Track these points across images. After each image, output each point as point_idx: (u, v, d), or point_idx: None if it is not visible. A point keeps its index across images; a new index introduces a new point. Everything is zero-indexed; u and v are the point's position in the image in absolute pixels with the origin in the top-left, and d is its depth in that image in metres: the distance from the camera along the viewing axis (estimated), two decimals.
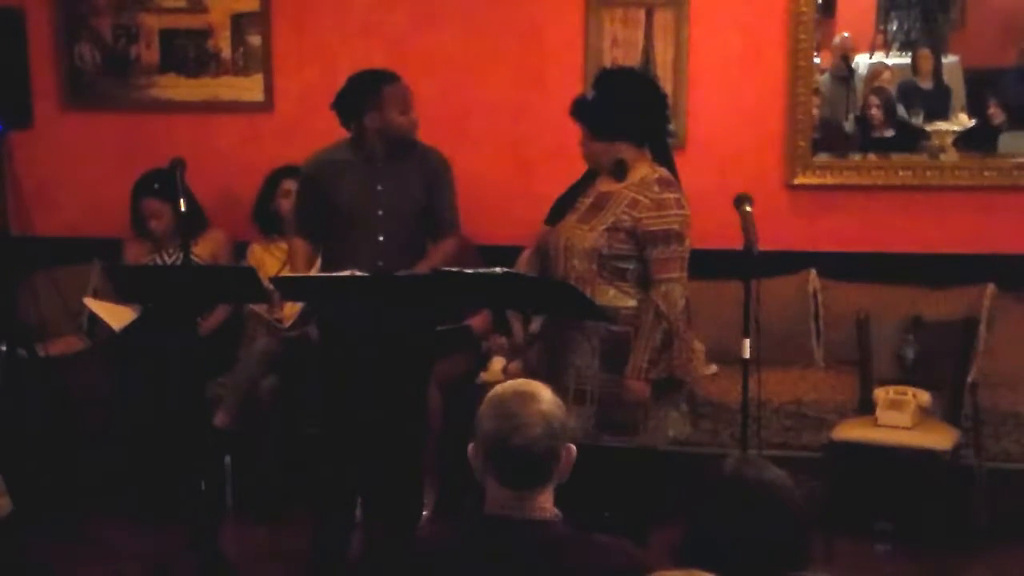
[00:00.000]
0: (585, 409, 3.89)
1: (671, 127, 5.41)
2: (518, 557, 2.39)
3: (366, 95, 4.25)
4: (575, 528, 2.47)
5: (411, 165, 4.32)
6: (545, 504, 2.45)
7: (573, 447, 2.49)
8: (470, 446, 2.49)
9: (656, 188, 3.89)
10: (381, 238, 4.26)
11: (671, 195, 3.90)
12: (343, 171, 4.30)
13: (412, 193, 4.31)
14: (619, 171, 3.94)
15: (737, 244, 3.87)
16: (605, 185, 3.98)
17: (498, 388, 2.51)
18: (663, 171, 3.96)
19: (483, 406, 2.48)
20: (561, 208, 4.06)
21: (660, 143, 4.05)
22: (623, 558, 2.41)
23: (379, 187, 4.27)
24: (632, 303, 3.89)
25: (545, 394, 2.47)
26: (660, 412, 3.95)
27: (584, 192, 4.04)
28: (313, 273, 4.43)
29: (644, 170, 3.94)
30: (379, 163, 4.28)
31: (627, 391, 3.86)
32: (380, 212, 4.27)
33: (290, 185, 5.41)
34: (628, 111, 3.94)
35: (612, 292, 3.89)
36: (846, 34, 5.59)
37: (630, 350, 3.86)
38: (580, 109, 3.99)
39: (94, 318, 5.50)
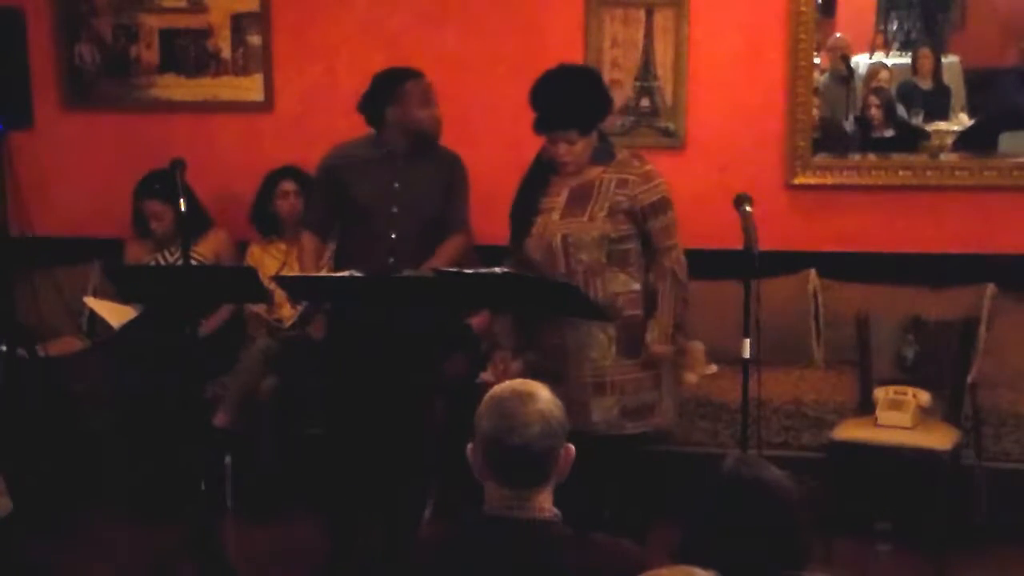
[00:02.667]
0: (606, 400, 3.94)
1: (672, 126, 5.48)
2: (517, 557, 2.39)
3: (388, 89, 4.32)
4: (575, 527, 2.47)
5: (430, 165, 4.36)
6: (544, 504, 2.45)
7: (572, 447, 2.49)
8: (468, 446, 2.49)
9: (636, 163, 4.02)
10: (394, 235, 4.29)
11: (649, 166, 4.04)
12: (362, 166, 4.34)
13: (429, 193, 4.34)
14: (606, 154, 4.01)
15: (737, 244, 3.87)
16: (574, 179, 4.00)
17: (496, 388, 2.51)
18: (628, 148, 4.11)
19: (481, 406, 2.48)
20: (524, 221, 4.05)
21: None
22: (622, 557, 2.41)
23: (396, 184, 4.31)
24: (637, 287, 3.98)
25: (543, 393, 2.47)
26: (666, 388, 4.03)
27: (546, 193, 4.04)
28: (321, 268, 4.45)
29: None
30: (399, 161, 4.31)
31: (653, 354, 3.95)
32: (395, 209, 4.30)
33: (288, 186, 5.42)
34: (589, 97, 4.02)
35: (623, 278, 3.95)
36: (838, 34, 5.58)
37: (643, 332, 3.94)
38: (560, 120, 3.95)
39: (94, 318, 5.51)
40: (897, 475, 4.66)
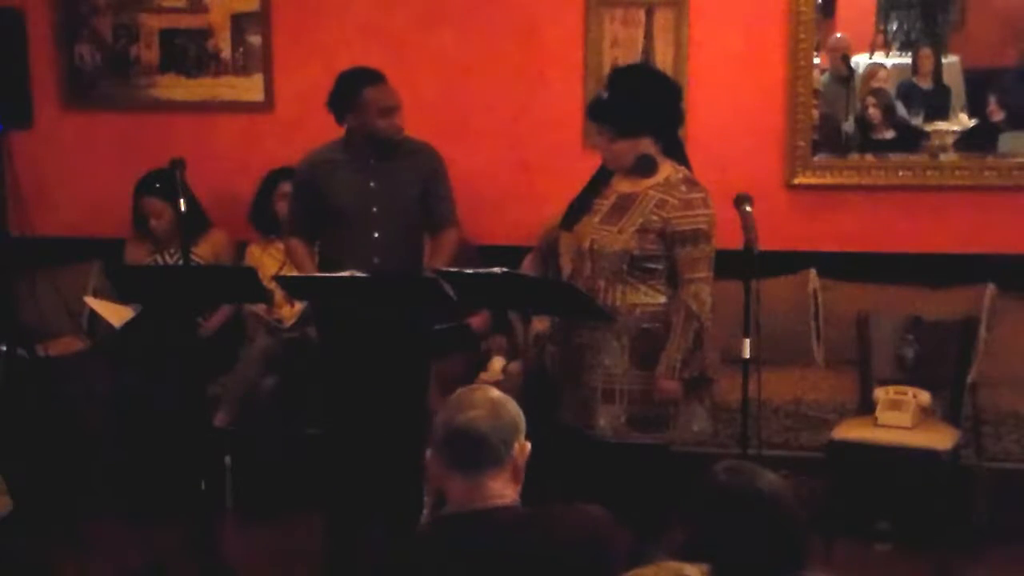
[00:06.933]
0: (615, 408, 3.90)
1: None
2: (482, 547, 2.40)
3: (347, 96, 4.29)
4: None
5: (404, 162, 4.35)
6: (501, 491, 2.47)
7: (528, 444, 2.51)
8: (427, 453, 2.53)
9: (683, 188, 3.89)
10: (377, 235, 4.29)
11: (698, 195, 3.90)
12: (336, 170, 4.33)
13: (406, 189, 4.34)
14: (646, 167, 3.91)
15: (737, 244, 3.87)
16: (626, 185, 3.96)
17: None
18: (685, 170, 3.96)
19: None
20: (576, 211, 4.03)
21: (673, 137, 4.03)
22: (586, 521, 2.46)
23: (372, 184, 4.31)
24: (662, 300, 3.89)
25: (495, 391, 2.54)
26: (688, 408, 3.95)
27: (600, 193, 4.01)
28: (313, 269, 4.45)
29: (668, 170, 3.93)
30: (371, 160, 4.30)
31: (660, 390, 3.87)
32: (375, 209, 4.30)
33: (288, 187, 5.39)
34: (648, 105, 3.93)
35: (643, 289, 3.89)
36: (839, 35, 5.58)
37: (661, 347, 3.87)
38: (599, 110, 3.97)
39: (94, 318, 5.50)
40: (897, 475, 4.66)
